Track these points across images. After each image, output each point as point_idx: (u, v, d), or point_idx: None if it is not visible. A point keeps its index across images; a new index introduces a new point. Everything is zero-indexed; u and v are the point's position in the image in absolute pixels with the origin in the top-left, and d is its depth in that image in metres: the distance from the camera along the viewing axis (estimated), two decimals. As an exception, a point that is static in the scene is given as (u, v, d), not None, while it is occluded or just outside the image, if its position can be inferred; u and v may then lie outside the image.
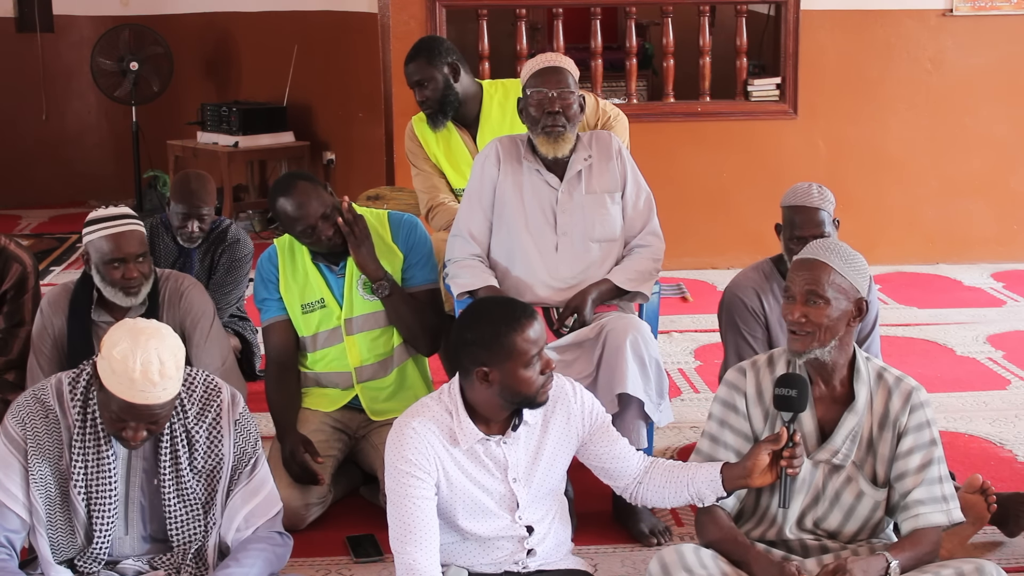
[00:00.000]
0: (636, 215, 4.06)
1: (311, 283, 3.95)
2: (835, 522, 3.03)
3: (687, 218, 7.04)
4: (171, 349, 2.85)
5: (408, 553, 2.91)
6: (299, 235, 3.86)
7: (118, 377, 2.79)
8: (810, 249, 3.01)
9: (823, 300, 2.93)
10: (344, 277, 3.92)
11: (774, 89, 7.21)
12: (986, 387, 5.17)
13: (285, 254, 4.00)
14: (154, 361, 2.80)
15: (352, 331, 3.93)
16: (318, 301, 3.94)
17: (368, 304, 3.92)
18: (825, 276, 2.94)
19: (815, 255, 2.98)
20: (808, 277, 2.95)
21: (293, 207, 3.80)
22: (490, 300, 3.35)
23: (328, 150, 8.46)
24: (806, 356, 2.96)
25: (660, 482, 3.12)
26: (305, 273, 3.95)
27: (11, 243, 4.02)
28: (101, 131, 9.49)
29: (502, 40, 7.50)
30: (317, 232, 3.80)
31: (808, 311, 2.93)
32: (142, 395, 2.80)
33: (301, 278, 3.96)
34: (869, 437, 3.01)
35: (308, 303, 3.95)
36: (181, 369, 2.89)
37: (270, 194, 3.95)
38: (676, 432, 4.61)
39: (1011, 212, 7.41)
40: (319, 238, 3.82)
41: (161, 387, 2.81)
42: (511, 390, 2.95)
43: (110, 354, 2.80)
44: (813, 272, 2.95)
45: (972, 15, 7.17)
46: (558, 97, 3.90)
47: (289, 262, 3.98)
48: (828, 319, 2.93)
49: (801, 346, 2.96)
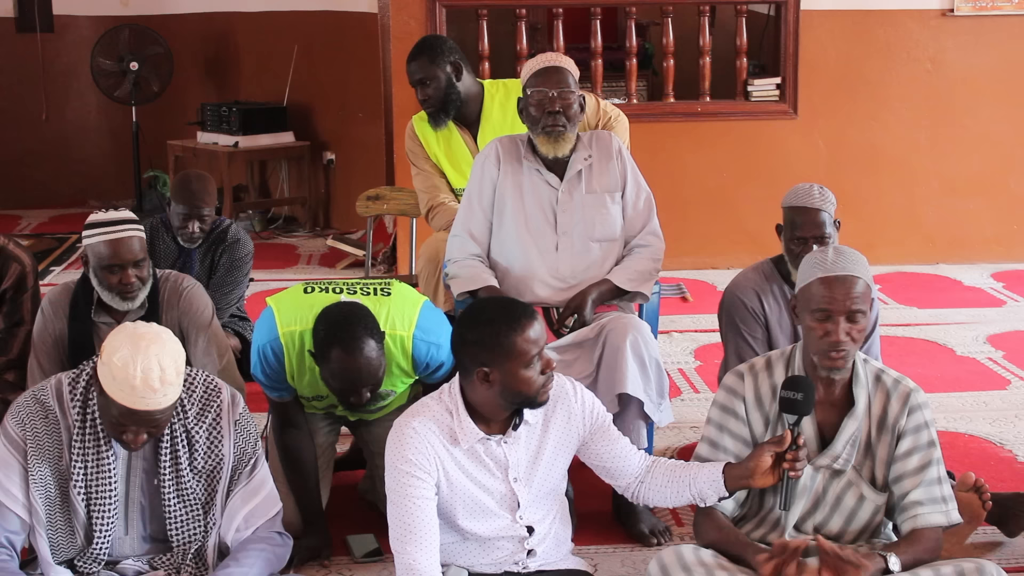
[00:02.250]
0: (636, 215, 4.06)
1: (319, 384, 3.54)
2: (836, 526, 3.03)
3: (687, 218, 7.04)
4: (171, 354, 2.85)
5: (408, 553, 2.91)
6: (332, 384, 3.38)
7: (119, 384, 2.79)
8: (839, 264, 2.93)
9: (864, 316, 2.92)
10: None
11: (774, 89, 7.21)
12: (986, 387, 5.17)
13: (293, 357, 3.53)
14: (155, 368, 2.79)
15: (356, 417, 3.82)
16: (322, 396, 3.62)
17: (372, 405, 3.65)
18: (862, 290, 2.92)
19: (848, 271, 2.92)
20: (848, 294, 2.90)
21: (345, 368, 3.31)
22: (491, 300, 3.35)
23: (328, 150, 8.46)
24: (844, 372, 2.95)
25: (662, 481, 3.12)
26: (314, 374, 3.52)
27: (10, 243, 4.02)
28: (101, 131, 9.48)
29: (502, 40, 7.50)
30: (351, 396, 3.37)
31: (851, 328, 2.91)
32: (143, 401, 2.80)
33: (308, 377, 3.56)
34: (868, 440, 3.01)
35: (311, 396, 3.65)
36: (182, 374, 2.89)
37: (321, 322, 3.37)
38: (676, 432, 4.61)
39: (1011, 212, 7.41)
40: (347, 398, 3.39)
41: (162, 393, 2.82)
42: (512, 390, 2.95)
43: (110, 360, 2.80)
44: (851, 288, 2.91)
45: (972, 15, 7.16)
46: (558, 97, 3.90)
47: (296, 363, 3.55)
48: (864, 333, 2.93)
49: (843, 364, 2.93)
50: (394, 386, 3.66)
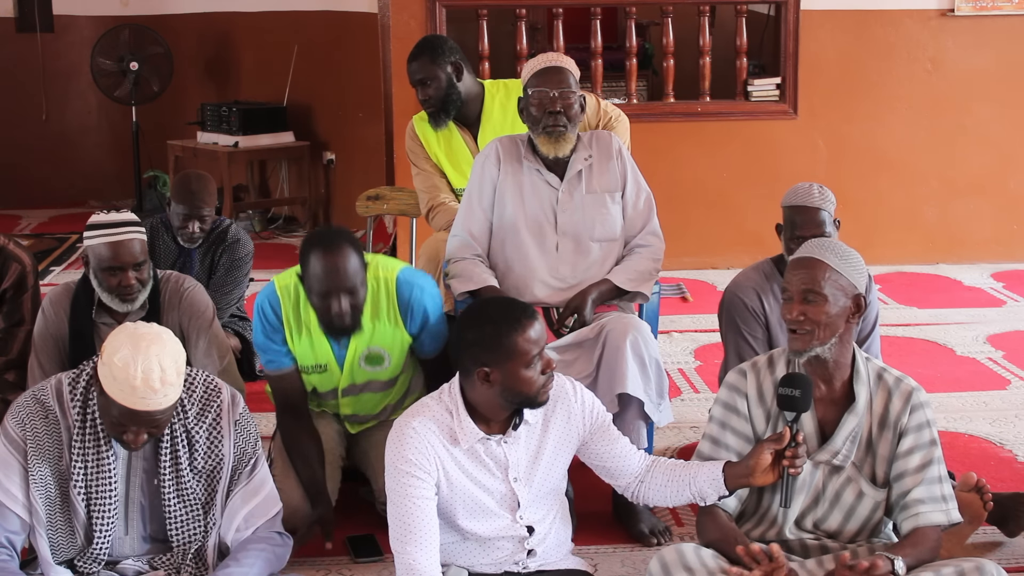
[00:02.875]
0: (636, 215, 4.06)
1: (316, 347, 3.69)
2: (835, 523, 3.04)
3: (687, 218, 7.04)
4: (172, 355, 2.85)
5: (408, 553, 2.91)
6: (314, 297, 3.54)
7: (119, 384, 2.79)
8: (805, 248, 3.03)
9: (821, 297, 2.94)
10: (347, 349, 3.70)
11: (774, 89, 7.21)
12: (986, 387, 5.17)
13: (289, 307, 3.67)
14: (155, 368, 2.79)
15: (349, 394, 3.81)
16: (320, 365, 3.72)
17: (369, 373, 3.75)
18: (821, 273, 2.95)
19: (810, 253, 2.99)
20: (804, 276, 2.96)
21: (324, 269, 3.47)
22: (491, 300, 3.35)
23: (328, 150, 8.46)
24: (807, 355, 2.96)
25: (662, 481, 3.12)
26: (310, 337, 3.68)
27: (10, 243, 4.02)
28: (101, 131, 9.48)
29: (502, 40, 7.50)
30: (332, 303, 3.50)
31: (806, 309, 2.94)
32: (143, 402, 2.80)
33: (306, 341, 3.69)
34: (869, 437, 3.01)
35: (309, 366, 3.73)
36: (182, 374, 2.89)
37: (306, 241, 3.58)
38: (676, 432, 4.61)
39: (1011, 212, 7.41)
40: (328, 309, 3.51)
41: (162, 394, 2.82)
42: (512, 390, 2.95)
43: (111, 361, 2.80)
44: (809, 270, 2.96)
45: (972, 15, 7.17)
46: (559, 97, 3.90)
47: (293, 317, 3.67)
48: (827, 316, 2.93)
49: (801, 344, 2.96)
50: (385, 342, 3.67)
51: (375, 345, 3.69)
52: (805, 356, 2.97)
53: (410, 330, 3.71)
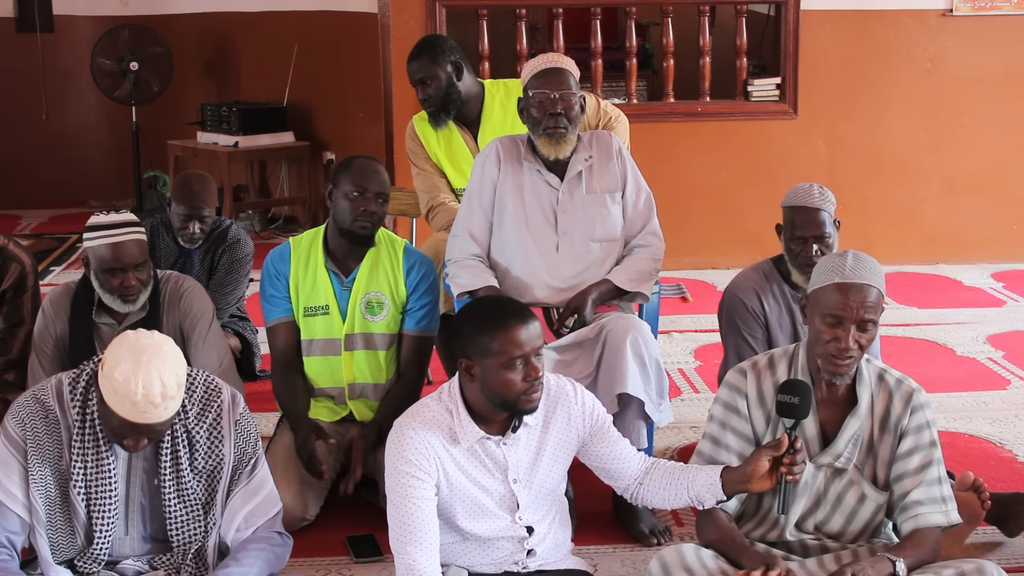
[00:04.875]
0: (636, 215, 4.06)
1: (319, 287, 3.93)
2: (837, 525, 3.03)
3: (687, 218, 7.05)
4: (173, 368, 2.84)
5: (408, 553, 2.91)
6: (353, 189, 3.84)
7: (120, 398, 2.79)
8: (856, 271, 2.92)
9: (873, 324, 2.91)
10: (350, 291, 3.92)
11: (774, 89, 7.22)
12: (986, 387, 5.17)
13: (300, 254, 3.96)
14: (156, 384, 2.79)
15: (350, 347, 3.93)
16: (322, 307, 3.93)
17: (369, 324, 3.93)
18: (875, 300, 2.91)
19: (863, 279, 2.91)
20: (862, 303, 2.89)
21: (361, 172, 3.85)
22: (488, 298, 3.36)
23: (328, 150, 8.45)
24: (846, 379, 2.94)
25: (661, 483, 3.12)
26: (315, 277, 3.93)
27: (10, 243, 4.02)
28: (101, 131, 9.49)
29: (502, 40, 7.50)
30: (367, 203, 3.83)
31: (860, 337, 2.90)
32: (144, 415, 2.80)
33: (310, 281, 3.93)
34: (870, 439, 3.01)
35: (312, 307, 3.93)
36: (183, 386, 2.89)
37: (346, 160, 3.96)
38: (676, 432, 4.61)
39: (1011, 212, 7.41)
40: (358, 208, 3.83)
41: (163, 407, 2.82)
42: (490, 389, 2.94)
43: (112, 374, 2.79)
44: (866, 297, 2.90)
45: (972, 15, 7.17)
46: (560, 98, 3.90)
47: (303, 262, 3.95)
48: (872, 341, 2.93)
49: (846, 370, 2.93)
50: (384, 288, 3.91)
51: (374, 290, 3.92)
52: (843, 380, 2.94)
53: (408, 285, 3.93)
